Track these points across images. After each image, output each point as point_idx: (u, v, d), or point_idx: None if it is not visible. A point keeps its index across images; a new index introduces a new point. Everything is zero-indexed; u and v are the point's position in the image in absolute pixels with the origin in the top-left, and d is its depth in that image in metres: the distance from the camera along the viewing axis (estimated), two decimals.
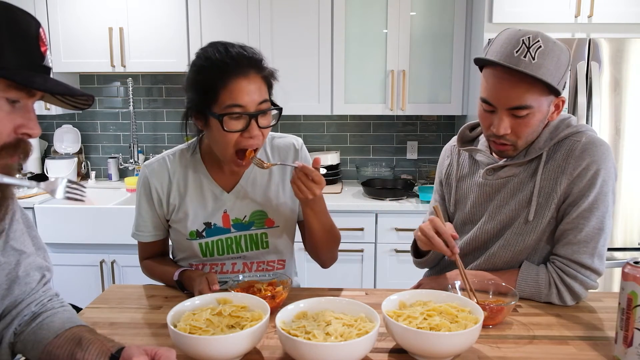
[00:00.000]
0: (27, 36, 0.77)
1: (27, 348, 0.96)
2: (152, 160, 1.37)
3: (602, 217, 1.23)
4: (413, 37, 2.80)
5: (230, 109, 1.16)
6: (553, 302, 1.24)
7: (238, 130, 1.17)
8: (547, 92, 1.20)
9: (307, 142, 3.23)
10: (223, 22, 2.77)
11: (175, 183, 1.35)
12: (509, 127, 1.22)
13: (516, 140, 1.25)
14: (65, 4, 2.80)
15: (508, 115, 1.21)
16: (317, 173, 1.20)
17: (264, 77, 1.21)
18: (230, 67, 1.15)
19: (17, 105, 0.78)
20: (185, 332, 0.95)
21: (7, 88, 0.75)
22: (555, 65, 1.17)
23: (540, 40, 1.16)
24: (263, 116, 1.19)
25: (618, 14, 2.44)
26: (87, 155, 3.32)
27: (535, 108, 1.20)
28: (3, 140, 0.76)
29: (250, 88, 1.16)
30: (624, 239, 2.44)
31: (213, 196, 1.35)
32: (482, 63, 1.24)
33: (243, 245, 1.39)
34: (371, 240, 2.68)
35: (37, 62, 0.79)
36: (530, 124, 1.22)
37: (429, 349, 0.95)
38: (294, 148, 1.41)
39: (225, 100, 1.16)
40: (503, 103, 1.20)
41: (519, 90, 1.18)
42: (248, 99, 1.16)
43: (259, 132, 1.19)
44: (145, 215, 1.38)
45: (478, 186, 1.38)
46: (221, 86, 1.15)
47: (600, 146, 1.24)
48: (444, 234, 1.19)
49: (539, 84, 1.17)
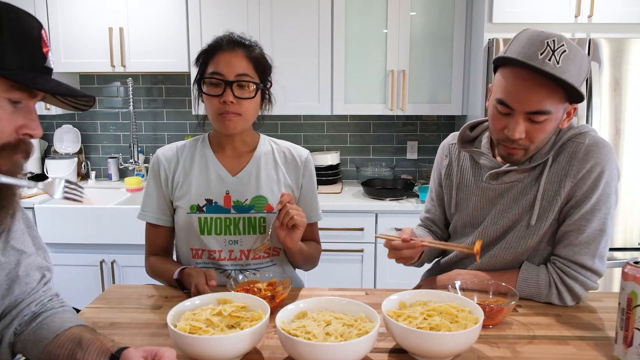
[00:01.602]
0: (29, 37, 0.78)
1: (27, 348, 0.96)
2: (164, 147, 1.50)
3: (604, 218, 1.22)
4: (413, 37, 2.80)
5: (212, 75, 1.33)
6: (553, 302, 1.24)
7: (215, 95, 1.32)
8: (565, 98, 1.16)
9: (307, 142, 3.23)
10: (223, 23, 2.77)
11: (182, 161, 1.45)
12: (524, 132, 1.18)
13: (529, 145, 1.21)
14: (65, 4, 2.81)
15: (525, 120, 1.17)
16: (293, 219, 1.29)
17: (251, 57, 1.34)
18: (220, 44, 1.34)
19: (19, 106, 0.79)
20: (185, 332, 0.95)
21: (9, 89, 0.76)
22: (577, 72, 1.13)
23: (565, 44, 1.12)
24: (241, 88, 1.33)
25: (618, 14, 2.44)
26: (87, 155, 3.32)
27: (553, 114, 1.16)
28: (4, 140, 0.77)
29: (232, 61, 1.32)
30: (624, 239, 2.44)
31: (217, 177, 1.42)
32: (504, 62, 1.17)
33: (241, 228, 1.41)
34: (371, 240, 2.68)
35: (39, 63, 0.79)
36: (545, 129, 1.18)
37: (429, 349, 0.95)
38: (297, 164, 1.49)
39: (210, 69, 1.34)
40: (523, 106, 1.15)
41: (541, 94, 1.13)
42: (227, 70, 1.32)
43: (234, 100, 1.32)
44: (152, 194, 1.45)
45: (481, 190, 1.36)
46: (209, 57, 1.35)
47: (604, 147, 1.23)
48: (403, 246, 1.24)
49: (559, 89, 1.13)
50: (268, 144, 1.50)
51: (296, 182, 1.49)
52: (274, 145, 1.51)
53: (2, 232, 0.94)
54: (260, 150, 1.47)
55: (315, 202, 1.52)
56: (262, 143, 1.49)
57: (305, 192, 1.50)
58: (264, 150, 1.47)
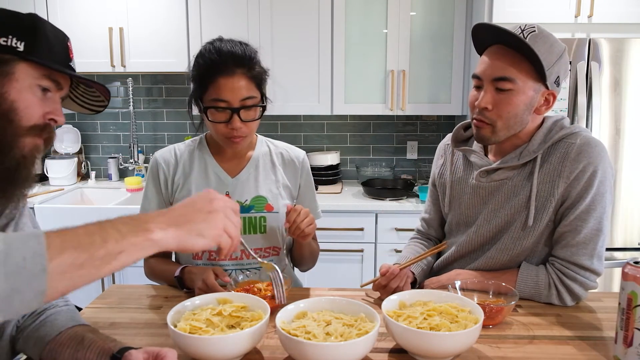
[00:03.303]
0: (59, 41, 0.92)
1: (28, 345, 0.97)
2: (162, 149, 1.49)
3: (600, 218, 1.22)
4: (413, 37, 2.80)
5: (215, 102, 1.29)
6: (553, 302, 1.24)
7: (221, 121, 1.31)
8: (535, 76, 1.20)
9: (307, 142, 3.23)
10: (223, 23, 2.77)
11: (182, 164, 1.45)
12: (491, 102, 1.23)
13: (496, 119, 1.24)
14: (65, 4, 2.80)
15: (492, 88, 1.23)
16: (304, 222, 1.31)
17: (252, 76, 1.31)
18: (217, 66, 1.28)
19: (47, 95, 0.89)
20: (186, 332, 0.95)
21: (41, 77, 0.87)
22: (547, 50, 1.18)
23: (537, 28, 1.20)
24: (246, 111, 1.31)
25: (618, 14, 2.44)
26: (87, 155, 3.32)
27: (519, 86, 1.20)
28: (33, 122, 0.86)
29: (234, 86, 1.28)
30: (624, 239, 2.44)
31: (217, 178, 1.43)
32: (475, 30, 1.27)
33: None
34: (371, 240, 2.68)
35: (66, 63, 0.92)
36: (512, 102, 1.21)
37: (429, 349, 0.95)
38: (295, 165, 1.50)
39: (211, 94, 1.29)
40: (489, 74, 1.23)
41: (505, 61, 1.20)
42: (231, 95, 1.28)
43: (242, 125, 1.31)
44: (151, 197, 1.45)
45: (472, 188, 1.37)
46: (209, 82, 1.29)
47: (596, 147, 1.23)
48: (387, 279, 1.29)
49: (526, 61, 1.19)
50: (265, 145, 1.51)
51: (294, 183, 1.49)
52: (271, 146, 1.51)
53: (12, 219, 0.96)
54: (258, 152, 1.47)
55: (313, 202, 1.53)
56: (259, 144, 1.49)
57: (303, 192, 1.51)
58: (261, 151, 1.48)
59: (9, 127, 0.83)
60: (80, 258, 0.63)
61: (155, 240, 0.70)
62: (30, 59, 0.85)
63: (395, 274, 1.29)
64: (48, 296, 0.62)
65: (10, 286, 0.58)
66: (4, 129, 0.83)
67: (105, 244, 0.66)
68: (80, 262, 0.63)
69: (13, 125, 0.84)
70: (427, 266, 1.46)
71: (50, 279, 0.61)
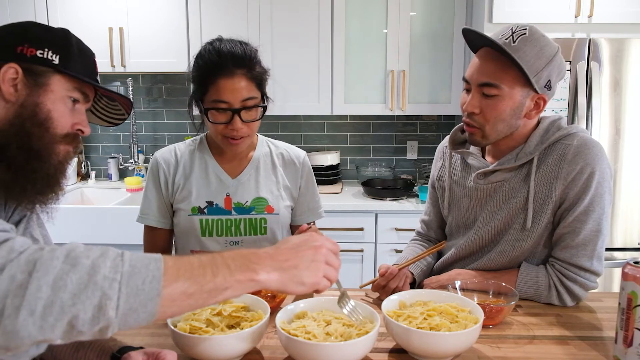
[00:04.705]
0: (89, 58, 0.97)
1: None
2: (162, 149, 1.48)
3: (599, 218, 1.22)
4: (413, 37, 2.80)
5: (216, 104, 1.29)
6: (553, 303, 1.24)
7: (222, 122, 1.30)
8: (523, 82, 1.19)
9: (307, 142, 3.23)
10: (223, 23, 2.77)
11: (182, 165, 1.44)
12: (478, 106, 1.23)
13: (484, 124, 1.24)
14: (65, 4, 2.80)
15: (479, 93, 1.23)
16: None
17: (252, 76, 1.30)
18: (217, 67, 1.28)
19: (76, 106, 0.94)
20: (186, 332, 0.95)
21: (73, 89, 0.92)
22: (535, 55, 1.17)
23: (528, 30, 1.18)
24: (247, 111, 1.30)
25: (618, 14, 2.44)
26: (87, 155, 3.32)
27: (505, 91, 1.20)
28: (65, 131, 0.91)
29: (235, 87, 1.28)
30: (624, 239, 2.44)
31: (217, 179, 1.43)
32: (463, 33, 1.26)
33: (242, 229, 1.42)
34: (371, 240, 2.68)
35: (94, 77, 0.98)
36: (498, 107, 1.21)
37: (429, 349, 0.95)
38: (295, 165, 1.50)
39: (212, 95, 1.29)
40: (475, 79, 1.23)
41: (491, 66, 1.20)
42: (232, 97, 1.28)
43: (243, 126, 1.30)
44: (152, 197, 1.44)
45: (470, 190, 1.37)
46: (210, 83, 1.28)
47: (593, 147, 1.22)
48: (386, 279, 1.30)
49: (512, 68, 1.18)
50: (266, 145, 1.50)
51: (295, 183, 1.49)
52: (271, 146, 1.51)
53: (25, 216, 0.97)
54: (258, 152, 1.47)
55: (313, 202, 1.53)
56: (260, 145, 1.49)
57: (303, 193, 1.51)
58: (262, 152, 1.48)
59: (47, 135, 0.88)
60: (191, 288, 0.68)
61: (259, 281, 0.74)
62: (64, 72, 0.90)
63: (394, 274, 1.29)
64: (157, 318, 0.66)
65: (129, 306, 0.63)
66: (42, 136, 0.87)
67: (215, 278, 0.70)
68: (191, 292, 0.68)
69: (49, 133, 0.88)
70: (426, 267, 1.45)
71: (162, 304, 0.65)
